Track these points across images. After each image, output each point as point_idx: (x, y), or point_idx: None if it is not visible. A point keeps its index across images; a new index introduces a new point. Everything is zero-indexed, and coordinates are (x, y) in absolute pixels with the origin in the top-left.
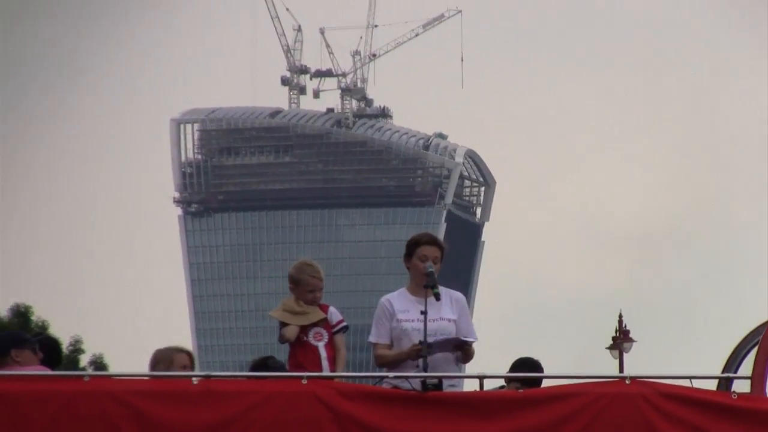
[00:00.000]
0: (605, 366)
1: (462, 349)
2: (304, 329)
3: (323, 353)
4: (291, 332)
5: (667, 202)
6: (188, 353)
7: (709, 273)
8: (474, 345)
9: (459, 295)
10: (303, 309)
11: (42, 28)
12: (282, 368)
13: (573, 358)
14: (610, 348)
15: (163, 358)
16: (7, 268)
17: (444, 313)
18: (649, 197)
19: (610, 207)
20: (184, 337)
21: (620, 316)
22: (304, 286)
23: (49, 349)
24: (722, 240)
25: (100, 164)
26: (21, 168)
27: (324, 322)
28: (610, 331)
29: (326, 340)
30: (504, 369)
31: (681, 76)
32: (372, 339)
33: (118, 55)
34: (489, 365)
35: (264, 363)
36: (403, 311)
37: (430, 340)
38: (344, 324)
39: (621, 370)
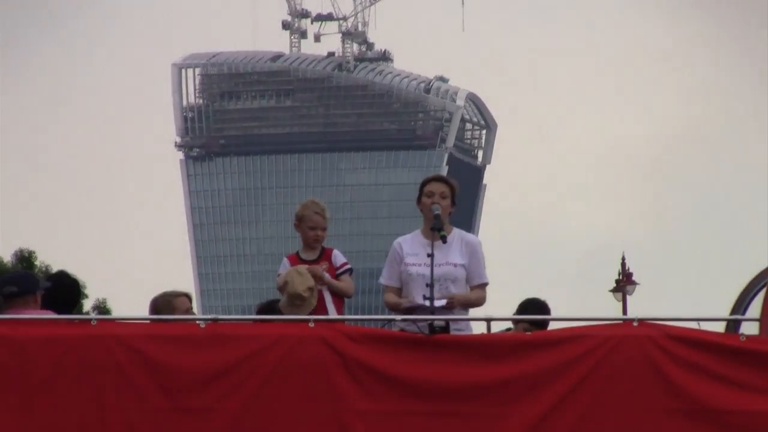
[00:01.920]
0: (609, 309)
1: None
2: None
3: (328, 298)
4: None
5: (670, 143)
6: (187, 295)
7: (714, 215)
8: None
9: (472, 237)
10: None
11: None
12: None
13: (577, 300)
14: (613, 291)
15: (165, 305)
16: (10, 213)
17: (452, 257)
18: (652, 139)
19: (612, 149)
20: (186, 282)
21: (623, 259)
22: (306, 222)
23: (65, 288)
24: (729, 181)
25: (102, 109)
26: (22, 113)
27: (327, 266)
28: (614, 274)
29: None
30: (509, 312)
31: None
32: (382, 281)
33: (119, 3)
34: (494, 308)
35: (271, 307)
36: (412, 254)
37: (435, 287)
38: (348, 266)
39: (624, 312)
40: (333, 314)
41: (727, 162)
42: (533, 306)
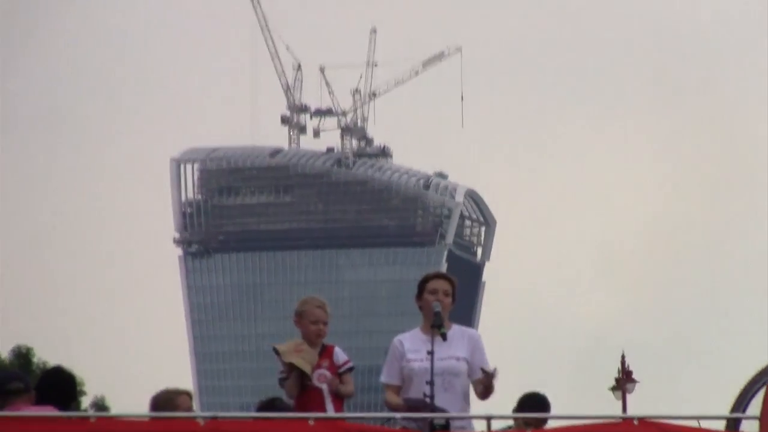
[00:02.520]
0: (608, 406)
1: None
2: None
3: (327, 396)
4: (292, 390)
5: (668, 240)
6: (188, 394)
7: (715, 311)
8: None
9: (473, 332)
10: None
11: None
12: (288, 410)
13: (577, 395)
14: (613, 389)
15: (166, 402)
16: (8, 309)
17: (454, 351)
18: (651, 236)
19: (611, 247)
20: (185, 378)
21: (623, 357)
22: (307, 317)
23: (61, 384)
24: (729, 276)
25: (101, 204)
26: (22, 207)
27: (328, 364)
28: (613, 370)
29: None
30: (509, 408)
31: (684, 108)
32: (383, 379)
33: (119, 97)
34: (494, 404)
35: (271, 404)
36: (413, 351)
37: (437, 382)
38: (350, 364)
39: (624, 410)
40: (331, 411)
41: (730, 258)
42: (533, 400)
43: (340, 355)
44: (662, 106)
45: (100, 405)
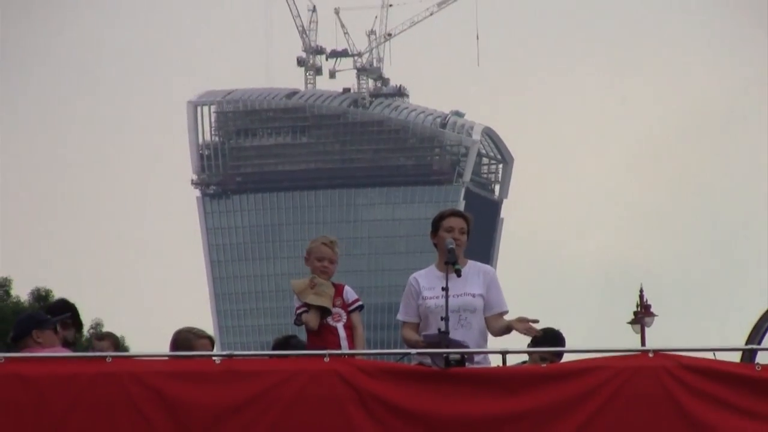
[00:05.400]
0: (627, 340)
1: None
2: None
3: (342, 333)
4: (313, 321)
5: (685, 173)
6: (210, 339)
7: (733, 245)
8: (505, 317)
9: (488, 268)
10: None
11: (61, 27)
12: (304, 347)
13: (595, 332)
14: (632, 323)
15: (184, 342)
16: (28, 253)
17: (469, 288)
18: (668, 169)
19: (629, 181)
20: (204, 319)
21: (641, 291)
22: (314, 254)
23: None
24: (750, 211)
25: (119, 149)
26: (41, 151)
27: (340, 303)
28: (632, 304)
29: (344, 320)
30: (526, 344)
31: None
32: (399, 317)
33: (136, 43)
34: (511, 340)
35: (286, 342)
36: (429, 288)
37: (452, 318)
38: (360, 303)
39: (643, 344)
40: (346, 348)
41: (750, 192)
42: (548, 336)
43: (349, 294)
44: (678, 39)
45: (119, 346)
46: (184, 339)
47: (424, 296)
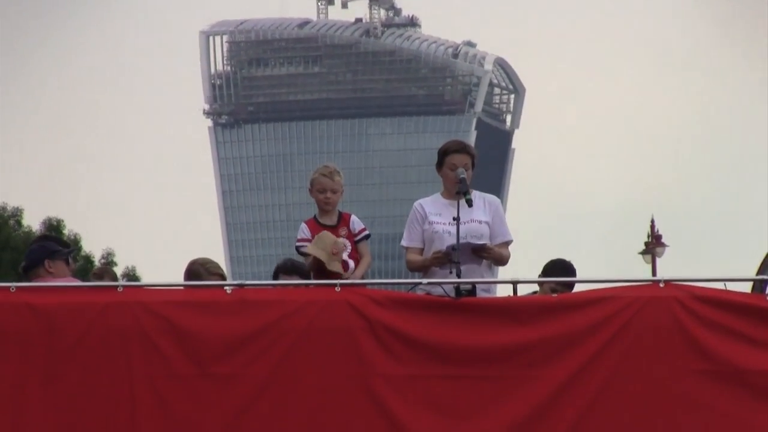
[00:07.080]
0: (639, 271)
1: (479, 254)
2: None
3: (350, 264)
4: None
5: (700, 105)
6: (222, 276)
7: (743, 176)
8: (509, 248)
9: (493, 197)
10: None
11: None
12: (303, 267)
13: (606, 262)
14: (643, 253)
15: (195, 277)
16: (39, 183)
17: (476, 215)
18: (679, 102)
19: (639, 112)
20: (216, 249)
21: (652, 222)
22: (315, 185)
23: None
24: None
25: (131, 78)
26: (52, 82)
27: (346, 232)
28: (643, 235)
29: (350, 250)
30: (537, 274)
31: None
32: (404, 243)
33: None
34: (522, 270)
35: (292, 264)
36: (436, 214)
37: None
38: (366, 232)
39: (654, 274)
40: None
41: (759, 123)
42: (558, 266)
43: (356, 223)
44: None
45: (131, 276)
46: (196, 272)
47: (430, 221)
